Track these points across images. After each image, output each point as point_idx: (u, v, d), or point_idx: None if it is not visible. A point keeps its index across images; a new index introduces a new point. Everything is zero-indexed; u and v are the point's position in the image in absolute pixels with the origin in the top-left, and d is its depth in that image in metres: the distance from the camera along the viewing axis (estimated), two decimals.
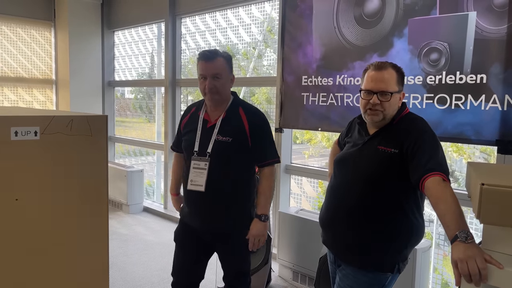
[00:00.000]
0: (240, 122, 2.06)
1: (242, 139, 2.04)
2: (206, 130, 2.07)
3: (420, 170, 1.56)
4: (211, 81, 1.99)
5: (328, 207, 1.87)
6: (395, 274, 1.75)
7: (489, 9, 2.46)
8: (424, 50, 2.73)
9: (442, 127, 2.64)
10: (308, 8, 3.40)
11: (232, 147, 2.03)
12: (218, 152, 2.02)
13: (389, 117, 1.75)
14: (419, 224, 1.74)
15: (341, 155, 1.91)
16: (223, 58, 2.03)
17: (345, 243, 1.79)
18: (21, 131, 1.46)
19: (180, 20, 4.95)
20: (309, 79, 3.40)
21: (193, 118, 2.17)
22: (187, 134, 2.15)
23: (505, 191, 1.04)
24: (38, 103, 5.81)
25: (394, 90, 1.72)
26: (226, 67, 2.04)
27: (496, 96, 2.44)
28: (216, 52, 2.02)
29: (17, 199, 1.48)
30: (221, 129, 2.05)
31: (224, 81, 2.03)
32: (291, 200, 3.97)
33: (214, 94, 2.02)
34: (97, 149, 1.67)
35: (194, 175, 2.04)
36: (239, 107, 2.12)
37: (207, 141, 2.04)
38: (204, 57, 2.01)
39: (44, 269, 1.58)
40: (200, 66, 2.03)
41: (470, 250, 1.18)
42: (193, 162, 2.05)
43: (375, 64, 1.76)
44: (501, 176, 1.10)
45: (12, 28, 5.54)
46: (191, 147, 2.08)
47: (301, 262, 3.29)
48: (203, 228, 2.12)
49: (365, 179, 1.72)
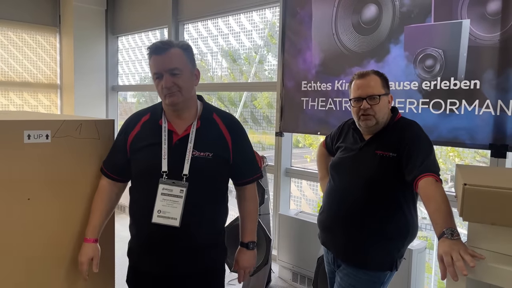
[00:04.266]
0: (219, 132, 1.66)
1: (223, 154, 1.64)
2: (174, 145, 1.61)
3: (414, 171, 1.65)
4: (168, 78, 1.55)
5: (328, 210, 1.95)
6: (393, 271, 1.83)
7: (483, 17, 2.54)
8: (420, 57, 2.81)
9: (437, 132, 2.71)
10: (307, 15, 3.49)
11: (213, 164, 1.61)
12: (198, 173, 1.58)
13: (382, 121, 1.83)
14: (414, 222, 1.83)
15: (337, 160, 1.98)
16: (180, 48, 1.59)
17: (346, 244, 1.85)
18: (33, 134, 1.55)
19: (183, 26, 5.05)
20: (308, 84, 3.49)
21: (148, 129, 1.67)
22: (143, 151, 1.63)
23: (485, 191, 1.12)
24: (43, 107, 5.91)
25: (381, 93, 1.81)
26: (186, 60, 1.60)
27: (489, 101, 2.51)
28: (170, 43, 1.59)
29: (29, 199, 1.57)
30: (196, 142, 1.61)
31: (185, 77, 1.58)
32: (291, 202, 4.04)
33: (176, 94, 1.57)
34: (104, 152, 1.75)
35: (163, 204, 1.57)
36: (212, 113, 1.70)
37: (179, 159, 1.58)
38: (155, 50, 1.56)
39: (53, 264, 1.66)
40: (153, 62, 1.58)
41: (455, 244, 1.26)
42: (162, 187, 1.57)
43: (358, 73, 1.88)
44: (484, 177, 1.17)
45: (18, 34, 5.65)
46: (154, 166, 1.59)
47: (300, 263, 3.36)
48: (171, 271, 1.65)
49: (364, 182, 1.80)
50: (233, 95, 4.94)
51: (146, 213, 1.58)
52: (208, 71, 5.03)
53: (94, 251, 1.67)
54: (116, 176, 1.73)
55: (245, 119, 4.68)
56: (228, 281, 3.45)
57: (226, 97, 4.99)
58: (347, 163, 1.90)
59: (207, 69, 5.02)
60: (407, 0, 2.86)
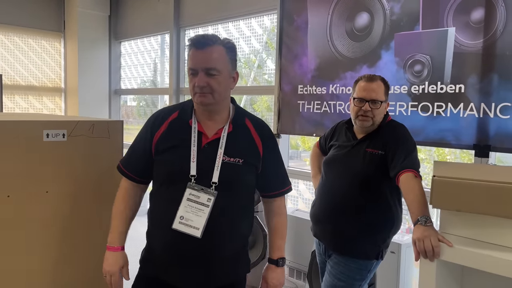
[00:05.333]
0: (250, 138, 1.56)
1: (254, 161, 1.54)
2: (203, 148, 1.50)
3: (397, 167, 1.82)
4: (203, 78, 1.43)
5: (320, 204, 2.10)
6: (379, 260, 1.99)
7: (467, 25, 2.71)
8: (409, 62, 2.98)
9: (425, 133, 2.87)
10: (303, 22, 3.66)
11: (243, 171, 1.51)
12: (228, 180, 1.48)
13: (377, 123, 2.00)
14: (399, 215, 2.00)
15: (330, 157, 2.14)
16: (224, 46, 1.46)
17: (337, 235, 2.01)
18: (51, 133, 1.71)
19: (184, 31, 5.22)
20: (304, 88, 3.65)
21: (176, 128, 1.55)
22: (170, 152, 1.52)
23: (450, 182, 1.29)
24: (47, 110, 6.08)
25: (382, 100, 1.97)
26: (228, 60, 1.47)
27: (473, 104, 2.67)
28: (214, 38, 1.44)
29: (47, 192, 1.72)
30: (227, 147, 1.50)
31: (222, 78, 1.46)
32: (288, 201, 4.20)
33: (207, 96, 1.45)
34: (114, 150, 1.91)
35: (187, 211, 1.45)
36: (245, 117, 1.60)
37: (208, 164, 1.48)
38: (196, 43, 1.43)
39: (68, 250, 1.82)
40: (191, 56, 1.45)
41: (427, 231, 1.42)
42: (189, 192, 1.46)
43: (367, 76, 2.01)
44: (454, 171, 1.34)
45: (23, 39, 5.82)
46: (182, 169, 1.48)
47: (296, 259, 3.52)
48: (183, 283, 1.52)
49: (354, 176, 1.96)
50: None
51: (168, 219, 1.46)
52: None
53: (124, 259, 1.58)
54: (140, 177, 1.61)
55: None
56: None
57: None
58: (339, 159, 2.06)
59: None
60: (397, 9, 3.03)
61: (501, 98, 2.55)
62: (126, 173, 1.62)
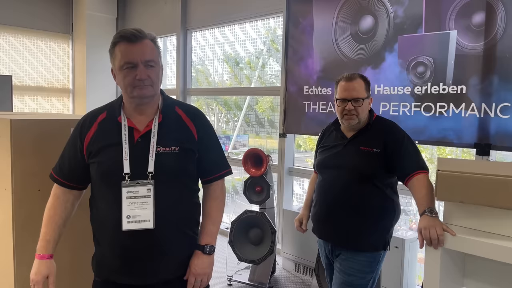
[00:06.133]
0: (182, 123, 1.54)
1: (190, 148, 1.52)
2: (136, 143, 1.47)
3: (409, 168, 1.90)
4: (144, 70, 1.43)
5: (321, 204, 2.13)
6: (386, 250, 2.06)
7: (468, 28, 2.81)
8: (412, 64, 3.08)
9: (428, 132, 2.97)
10: (309, 25, 3.77)
11: (180, 159, 1.49)
12: (165, 169, 1.46)
13: (362, 120, 2.04)
14: (398, 204, 2.07)
15: (323, 159, 2.16)
16: (151, 41, 1.49)
17: (344, 232, 2.04)
18: None
19: (191, 34, 5.33)
20: (310, 89, 3.76)
21: (106, 128, 1.52)
22: (102, 153, 1.49)
23: (453, 175, 1.39)
24: (56, 111, 6.19)
25: (364, 97, 2.02)
26: (158, 53, 1.51)
27: (474, 104, 2.77)
28: (143, 32, 1.48)
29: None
30: (160, 137, 1.48)
31: (159, 69, 1.50)
32: (294, 200, 4.31)
33: (148, 88, 1.45)
34: None
35: (131, 208, 1.42)
36: (175, 106, 1.58)
37: (142, 158, 1.45)
38: (129, 37, 1.44)
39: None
40: (124, 51, 1.44)
41: (433, 221, 1.53)
42: (126, 190, 1.43)
43: (346, 76, 2.06)
44: (456, 166, 1.44)
45: (33, 41, 5.94)
46: (115, 170, 1.44)
47: (302, 254, 3.62)
48: (153, 279, 1.49)
49: (350, 171, 2.01)
50: (234, 99, 5.21)
51: (115, 222, 1.42)
52: (210, 76, 5.31)
53: (49, 268, 1.51)
54: (71, 182, 1.55)
55: (249, 122, 4.95)
56: (236, 272, 3.69)
57: (223, 102, 5.26)
58: (333, 159, 2.10)
59: (209, 73, 5.30)
60: (400, 12, 3.14)
61: (501, 98, 2.66)
62: (57, 179, 1.57)
